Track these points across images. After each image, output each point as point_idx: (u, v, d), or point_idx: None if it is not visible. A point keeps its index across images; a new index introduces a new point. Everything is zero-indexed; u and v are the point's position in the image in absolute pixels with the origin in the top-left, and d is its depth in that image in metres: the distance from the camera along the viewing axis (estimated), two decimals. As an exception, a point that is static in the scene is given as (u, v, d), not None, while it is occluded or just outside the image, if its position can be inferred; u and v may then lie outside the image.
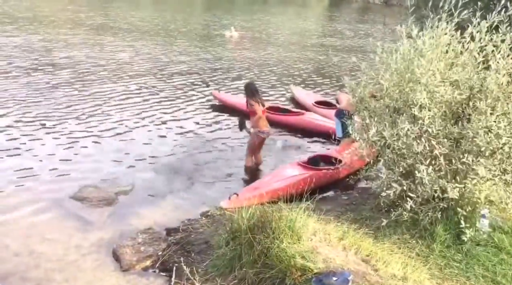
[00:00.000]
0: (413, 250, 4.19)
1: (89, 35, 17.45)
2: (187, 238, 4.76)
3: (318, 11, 40.68)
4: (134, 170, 6.45)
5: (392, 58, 4.53)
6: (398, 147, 4.40)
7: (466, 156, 4.00)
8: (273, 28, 24.43)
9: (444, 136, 4.21)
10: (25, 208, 5.31)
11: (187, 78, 12.02)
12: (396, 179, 4.40)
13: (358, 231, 4.32)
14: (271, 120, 8.65)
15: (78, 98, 9.51)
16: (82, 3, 28.09)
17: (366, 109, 4.87)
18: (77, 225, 5.05)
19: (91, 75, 11.44)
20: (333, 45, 20.13)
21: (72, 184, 5.89)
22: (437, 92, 4.19)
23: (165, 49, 15.76)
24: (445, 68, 4.33)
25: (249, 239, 3.84)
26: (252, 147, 6.63)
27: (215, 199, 5.74)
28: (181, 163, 6.80)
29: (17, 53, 13.27)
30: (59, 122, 8.06)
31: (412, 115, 4.26)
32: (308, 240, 3.93)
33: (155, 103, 9.55)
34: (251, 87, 6.55)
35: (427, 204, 4.32)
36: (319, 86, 12.23)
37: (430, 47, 4.34)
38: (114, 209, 5.43)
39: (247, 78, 12.58)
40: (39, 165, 6.42)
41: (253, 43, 18.85)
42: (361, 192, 5.93)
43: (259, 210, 4.12)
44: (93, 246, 4.67)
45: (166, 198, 5.73)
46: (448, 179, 4.10)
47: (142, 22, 21.87)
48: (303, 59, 16.25)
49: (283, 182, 5.78)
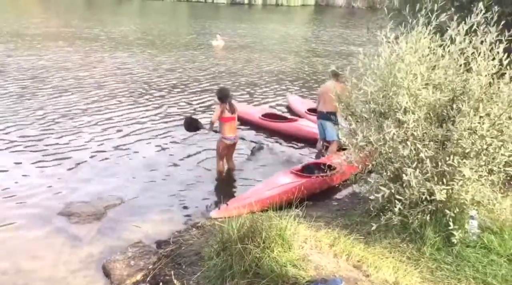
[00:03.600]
0: (404, 254, 4.20)
1: (71, 47, 17.36)
2: (178, 250, 4.72)
3: (303, 17, 41.00)
4: (123, 184, 6.40)
5: (374, 64, 4.57)
6: (385, 151, 4.43)
7: (452, 158, 4.03)
8: (258, 35, 24.56)
9: (430, 138, 4.24)
10: (12, 225, 5.24)
11: (176, 90, 11.99)
12: (385, 183, 4.42)
13: (349, 236, 4.33)
14: (265, 126, 8.80)
15: (65, 113, 9.43)
16: (60, 14, 27.97)
17: (352, 114, 4.90)
18: (65, 241, 4.98)
19: (75, 90, 11.36)
20: (318, 50, 20.30)
21: (60, 199, 5.83)
22: (419, 95, 4.23)
23: (153, 60, 15.74)
24: (427, 71, 4.38)
25: (240, 249, 3.82)
26: (218, 153, 6.71)
27: (205, 209, 5.73)
28: (169, 175, 6.76)
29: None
30: (45, 138, 7.97)
31: (397, 119, 4.29)
32: (299, 248, 3.92)
33: (143, 116, 9.51)
34: (219, 93, 6.63)
35: (416, 207, 4.34)
36: (308, 92, 12.31)
37: (409, 51, 4.38)
38: (103, 223, 5.37)
39: (236, 85, 12.62)
40: (26, 181, 6.34)
41: (239, 51, 18.93)
42: (351, 197, 5.96)
43: (249, 219, 4.11)
44: (82, 262, 4.61)
45: (156, 211, 5.69)
46: (435, 181, 4.13)
47: (129, 33, 21.84)
48: (290, 65, 16.34)
49: (274, 190, 5.78)
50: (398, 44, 4.48)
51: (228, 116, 6.47)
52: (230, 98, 6.59)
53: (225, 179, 6.74)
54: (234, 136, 6.61)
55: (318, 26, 31.89)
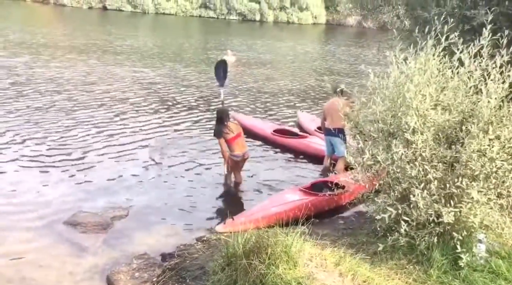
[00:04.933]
0: (410, 275, 4.15)
1: (83, 59, 17.60)
2: (182, 263, 4.70)
3: (314, 35, 41.29)
4: (129, 195, 6.42)
5: (383, 84, 4.59)
6: (393, 171, 4.42)
7: (460, 179, 4.01)
8: (269, 52, 24.74)
9: (438, 159, 4.23)
10: (17, 234, 5.26)
11: (186, 103, 12.10)
12: (392, 203, 4.39)
13: (355, 256, 4.29)
14: (276, 142, 8.86)
15: (72, 123, 9.52)
16: (78, 28, 28.45)
17: (360, 133, 4.90)
18: (71, 251, 5.00)
19: (91, 102, 11.49)
20: (329, 68, 20.40)
21: (66, 209, 5.85)
22: (428, 116, 4.23)
23: (164, 74, 15.88)
24: (436, 92, 4.39)
25: (245, 264, 3.81)
26: (226, 168, 6.83)
27: (210, 223, 5.73)
28: (176, 188, 6.78)
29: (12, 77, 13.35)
30: (52, 147, 8.04)
31: (406, 139, 4.29)
32: (304, 265, 3.90)
33: (153, 129, 9.57)
34: (219, 114, 6.72)
35: (423, 229, 4.31)
36: (318, 109, 12.34)
37: (418, 71, 4.40)
38: (108, 234, 5.39)
39: (245, 100, 12.72)
40: (32, 190, 6.39)
41: (250, 67, 19.07)
42: (358, 217, 5.92)
43: (255, 234, 4.10)
44: (87, 273, 4.62)
45: (161, 223, 5.70)
46: (443, 203, 4.10)
47: (141, 48, 22.10)
48: (300, 82, 16.44)
49: (281, 207, 5.77)
50: (407, 65, 4.50)
51: (232, 136, 6.52)
52: (228, 117, 6.70)
53: (232, 194, 6.75)
54: (242, 152, 6.64)
55: (329, 45, 32.07)
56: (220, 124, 6.59)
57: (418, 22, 6.32)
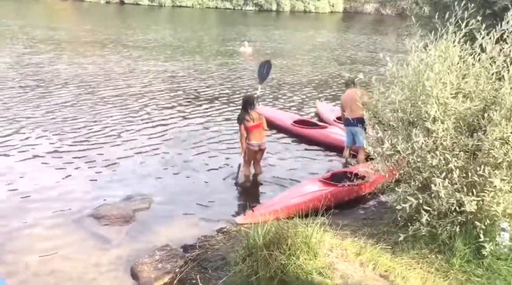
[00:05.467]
0: (432, 265, 4.14)
1: (105, 53, 17.81)
2: (204, 254, 4.78)
3: (332, 24, 40.88)
4: (151, 188, 6.52)
5: (402, 73, 4.53)
6: (413, 161, 4.38)
7: (483, 168, 3.95)
8: (286, 42, 24.62)
9: (460, 148, 4.17)
10: (43, 227, 5.40)
11: (207, 96, 12.15)
12: (412, 192, 4.36)
13: (376, 246, 4.28)
14: (296, 133, 8.86)
15: (95, 118, 9.68)
16: (98, 23, 28.74)
17: (380, 122, 4.86)
18: (95, 244, 5.11)
19: (108, 94, 11.65)
20: (347, 57, 20.20)
21: (89, 203, 5.98)
22: (449, 104, 4.17)
23: (186, 67, 15.98)
24: (457, 79, 4.31)
25: (265, 255, 3.84)
26: (245, 159, 6.80)
27: (231, 214, 5.78)
28: (196, 180, 6.85)
29: (36, 72, 13.60)
30: (75, 143, 8.18)
31: (426, 128, 4.24)
32: (325, 256, 3.91)
33: (174, 121, 9.66)
34: (244, 101, 6.74)
35: (445, 218, 4.27)
36: (337, 99, 12.25)
37: (438, 59, 4.33)
38: (131, 226, 5.48)
39: (264, 91, 12.71)
40: (56, 185, 6.52)
41: (268, 58, 18.99)
42: (378, 207, 5.90)
43: (275, 226, 4.13)
44: (111, 264, 4.72)
45: (183, 215, 5.77)
46: (465, 192, 4.05)
47: (162, 42, 22.24)
48: (319, 72, 16.33)
49: (301, 198, 5.78)
50: (427, 52, 4.43)
51: (251, 124, 6.53)
52: (251, 105, 6.67)
53: (251, 185, 6.78)
54: (260, 142, 6.66)
55: (347, 33, 31.73)
56: (244, 111, 6.63)
57: (437, 7, 6.21)
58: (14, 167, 6.98)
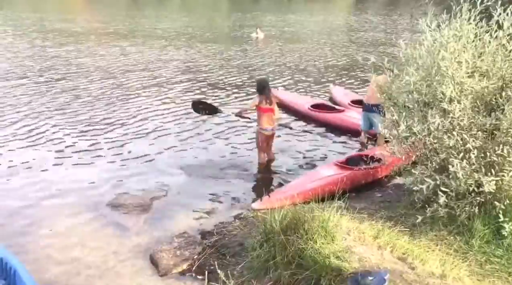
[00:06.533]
0: (451, 246, 4.10)
1: (119, 42, 17.89)
2: (222, 241, 4.82)
3: (344, 7, 40.28)
4: (167, 176, 6.57)
5: (416, 53, 4.44)
6: (430, 142, 4.32)
7: (501, 147, 3.88)
8: (299, 26, 24.39)
9: (478, 128, 4.10)
10: (63, 217, 5.49)
11: (220, 82, 12.12)
12: (430, 174, 4.31)
13: (393, 229, 4.26)
14: (312, 117, 8.89)
15: (109, 108, 9.76)
16: (103, 13, 28.80)
17: (395, 105, 4.80)
18: (114, 232, 5.19)
19: (122, 83, 11.71)
20: (361, 40, 19.92)
21: (108, 191, 6.06)
22: (465, 84, 4.08)
23: (197, 53, 16.01)
24: (473, 58, 4.21)
25: (283, 240, 3.85)
26: (257, 145, 6.79)
27: (247, 200, 5.80)
28: (212, 167, 6.87)
29: (55, 64, 13.74)
30: (93, 134, 8.27)
31: (442, 109, 4.17)
32: (342, 239, 3.90)
33: (188, 109, 9.66)
34: (257, 85, 6.68)
35: (463, 199, 4.22)
36: (352, 83, 12.15)
37: (453, 38, 4.23)
38: (149, 215, 5.55)
39: (278, 76, 12.65)
40: (74, 175, 6.62)
41: (279, 43, 18.88)
42: (395, 189, 5.85)
43: (291, 211, 4.13)
44: (130, 252, 4.79)
45: (199, 202, 5.81)
46: (483, 172, 3.99)
47: (171, 28, 22.26)
48: (333, 56, 16.18)
49: (316, 182, 5.76)
50: (440, 32, 4.33)
51: (266, 107, 6.51)
52: (269, 89, 6.62)
53: (266, 171, 6.79)
54: (271, 127, 6.65)
55: (360, 16, 31.24)
56: (263, 93, 6.56)
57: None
58: (34, 160, 7.08)
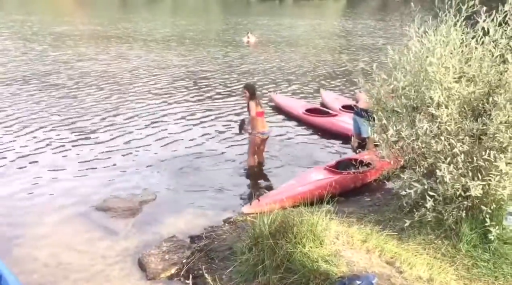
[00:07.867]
0: (439, 250, 4.14)
1: (107, 46, 17.82)
2: (211, 245, 4.80)
3: (335, 11, 40.54)
4: (156, 180, 6.55)
5: (404, 59, 4.48)
6: (418, 147, 4.35)
7: (488, 152, 3.92)
8: (290, 30, 24.48)
9: (465, 133, 4.14)
10: (51, 220, 5.44)
11: (211, 86, 12.14)
12: (418, 178, 4.34)
13: (382, 232, 4.28)
14: (306, 121, 8.94)
15: (99, 110, 9.70)
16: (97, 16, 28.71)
17: (383, 109, 4.83)
18: (103, 235, 5.15)
19: (111, 87, 11.66)
20: (352, 45, 20.05)
21: (96, 195, 6.02)
22: (452, 89, 4.13)
23: (187, 57, 15.97)
24: (459, 63, 4.26)
25: (271, 244, 3.86)
26: (252, 148, 6.77)
27: (236, 205, 5.80)
28: (201, 171, 6.86)
29: (46, 68, 13.63)
30: (82, 135, 8.24)
31: (430, 114, 4.20)
32: (331, 243, 3.92)
33: (178, 114, 9.67)
34: (251, 89, 6.67)
35: (451, 203, 4.25)
36: (342, 88, 12.22)
37: (440, 43, 4.28)
38: (138, 218, 5.52)
39: (268, 81, 12.67)
40: (63, 177, 6.58)
41: (272, 47, 18.94)
42: (384, 193, 5.89)
43: (280, 215, 4.14)
44: (119, 256, 4.76)
45: (188, 206, 5.80)
46: (470, 176, 4.03)
47: (161, 31, 22.22)
48: (324, 60, 16.26)
49: (306, 186, 5.78)
50: (427, 37, 4.38)
51: (260, 110, 6.54)
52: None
53: (256, 175, 6.79)
54: (268, 130, 6.68)
55: (351, 20, 31.45)
56: (255, 97, 6.57)
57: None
58: (22, 163, 7.02)
